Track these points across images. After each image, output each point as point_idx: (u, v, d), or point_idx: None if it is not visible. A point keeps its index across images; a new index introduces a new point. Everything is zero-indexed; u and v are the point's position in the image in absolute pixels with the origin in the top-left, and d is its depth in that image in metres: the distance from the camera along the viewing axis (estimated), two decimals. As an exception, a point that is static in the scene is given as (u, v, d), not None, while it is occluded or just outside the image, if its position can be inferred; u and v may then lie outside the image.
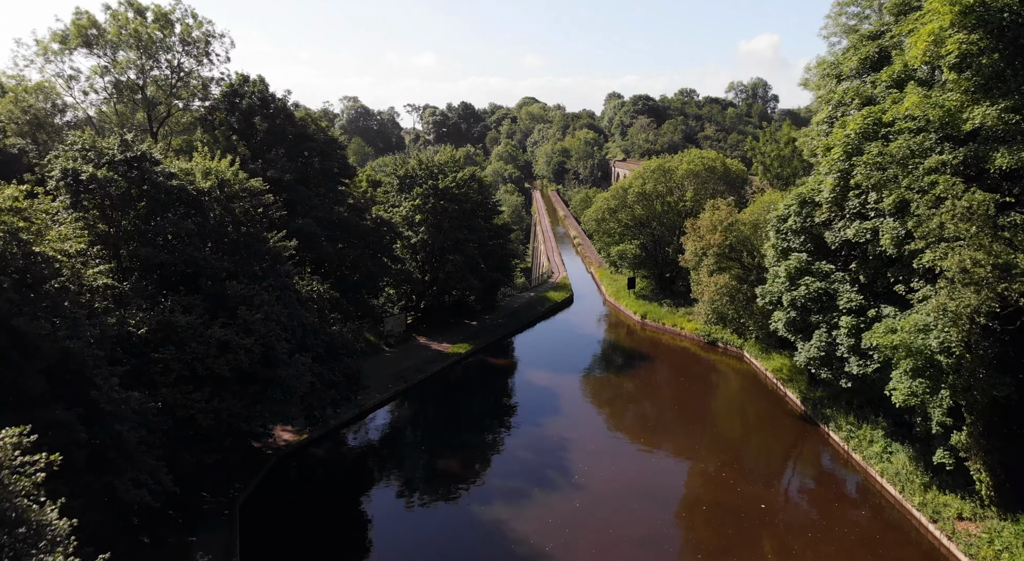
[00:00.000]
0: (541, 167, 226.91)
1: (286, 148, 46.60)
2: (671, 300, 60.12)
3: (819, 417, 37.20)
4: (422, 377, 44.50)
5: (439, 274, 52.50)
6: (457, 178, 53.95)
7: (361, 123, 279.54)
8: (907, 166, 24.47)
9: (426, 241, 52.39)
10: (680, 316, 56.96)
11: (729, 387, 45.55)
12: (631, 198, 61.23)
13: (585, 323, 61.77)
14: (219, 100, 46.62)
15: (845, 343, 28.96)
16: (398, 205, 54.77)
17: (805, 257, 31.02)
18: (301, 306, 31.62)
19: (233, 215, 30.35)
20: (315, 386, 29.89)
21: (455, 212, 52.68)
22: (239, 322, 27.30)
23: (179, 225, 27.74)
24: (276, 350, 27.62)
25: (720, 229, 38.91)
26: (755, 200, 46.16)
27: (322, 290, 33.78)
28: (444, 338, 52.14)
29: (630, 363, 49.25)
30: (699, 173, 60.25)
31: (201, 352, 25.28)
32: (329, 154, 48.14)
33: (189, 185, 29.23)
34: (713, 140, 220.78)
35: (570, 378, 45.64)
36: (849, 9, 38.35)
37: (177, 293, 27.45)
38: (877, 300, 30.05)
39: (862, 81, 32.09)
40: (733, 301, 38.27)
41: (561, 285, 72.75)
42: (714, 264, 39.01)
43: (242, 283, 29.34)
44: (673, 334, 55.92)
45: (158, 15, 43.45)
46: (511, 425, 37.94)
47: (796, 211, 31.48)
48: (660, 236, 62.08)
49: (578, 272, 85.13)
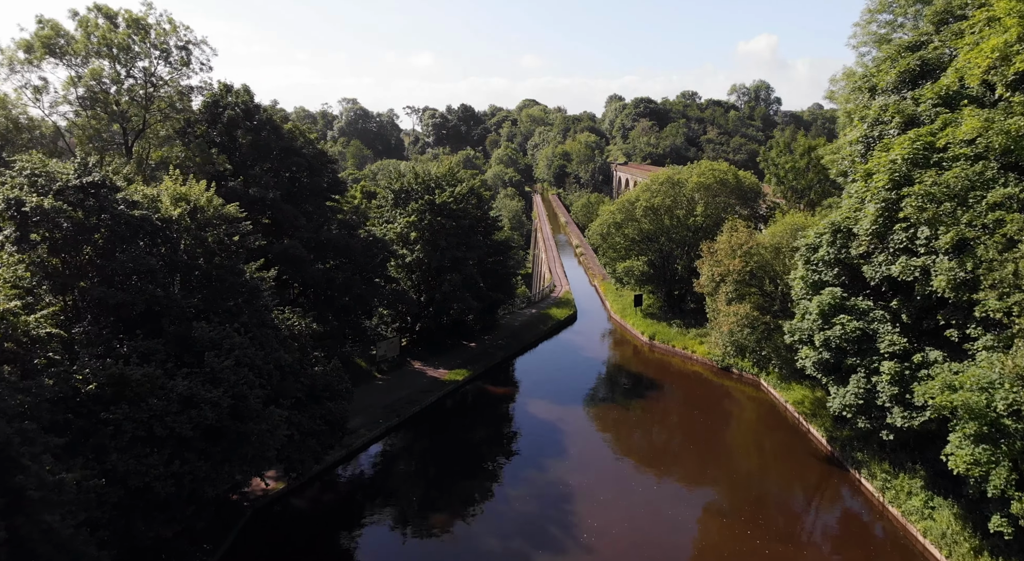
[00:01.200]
0: (542, 170, 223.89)
1: (272, 163, 43.52)
2: (680, 320, 56.97)
3: (849, 461, 34.05)
4: (416, 409, 41.34)
5: (435, 295, 49.39)
6: (455, 193, 50.81)
7: (360, 125, 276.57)
8: (966, 200, 21.37)
9: (421, 260, 49.25)
10: (691, 338, 53.83)
11: (746, 420, 42.40)
12: (638, 212, 58.09)
13: (590, 344, 58.61)
14: (200, 111, 43.57)
15: (887, 391, 25.83)
16: (393, 221, 51.64)
17: (839, 292, 27.90)
18: (280, 345, 28.50)
19: (205, 245, 27.23)
20: (293, 438, 26.76)
21: (452, 229, 49.55)
22: (206, 370, 24.18)
23: (140, 260, 24.62)
24: (248, 400, 24.49)
25: (739, 254, 35.79)
26: (775, 220, 43.01)
27: (304, 325, 30.63)
28: (441, 362, 48.99)
29: (639, 392, 46.09)
30: (710, 186, 57.13)
31: (160, 409, 22.13)
32: (318, 169, 45.07)
33: (155, 213, 26.13)
34: (716, 143, 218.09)
35: (575, 410, 42.48)
36: (880, 17, 35.29)
37: (135, 338, 24.32)
38: (921, 341, 26.95)
39: (901, 97, 28.97)
40: (754, 332, 35.13)
41: (564, 301, 69.60)
42: (733, 292, 35.89)
43: (212, 323, 26.23)
44: (683, 357, 52.78)
45: (129, 21, 40.28)
46: (511, 469, 34.77)
47: (829, 241, 28.37)
48: (669, 252, 58.95)
49: (581, 285, 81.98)
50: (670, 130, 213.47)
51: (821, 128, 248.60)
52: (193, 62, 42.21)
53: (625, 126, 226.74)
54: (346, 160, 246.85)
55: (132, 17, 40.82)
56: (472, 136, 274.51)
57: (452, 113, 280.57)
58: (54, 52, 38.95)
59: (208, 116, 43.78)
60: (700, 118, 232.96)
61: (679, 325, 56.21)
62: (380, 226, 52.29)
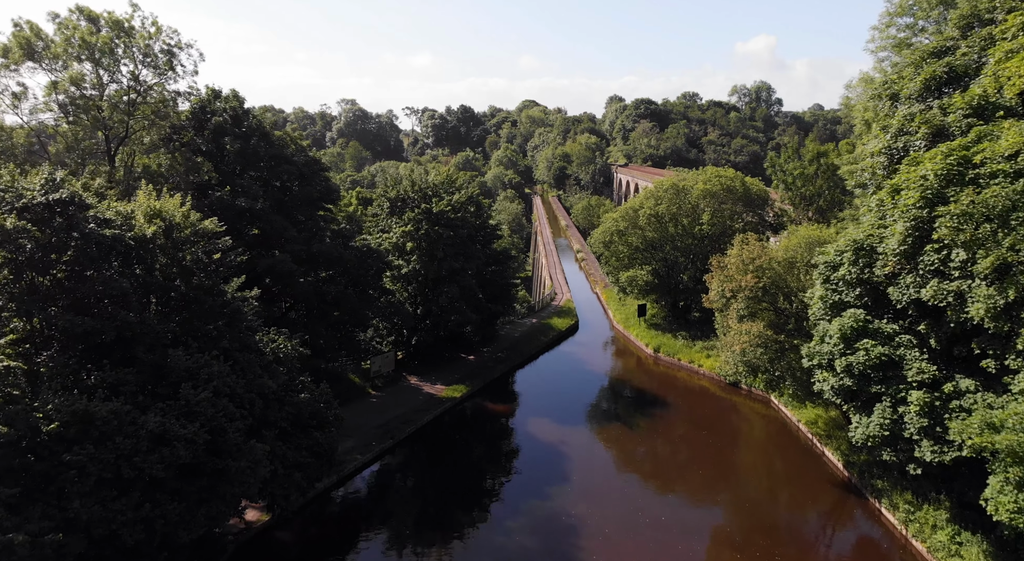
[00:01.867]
0: (542, 172, 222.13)
1: (261, 171, 41.71)
2: (686, 332, 55.14)
3: (868, 489, 32.22)
4: (411, 430, 39.49)
5: (432, 307, 47.56)
6: (453, 201, 48.99)
7: (359, 126, 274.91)
8: (1008, 221, 19.58)
9: (418, 271, 47.42)
10: (697, 351, 52.01)
11: (756, 441, 40.60)
12: (642, 220, 56.28)
13: (592, 356, 56.76)
14: (187, 118, 41.75)
15: (915, 424, 24.02)
16: (389, 229, 49.80)
17: (862, 314, 26.08)
18: (265, 370, 26.67)
19: (182, 265, 25.41)
20: (276, 472, 24.93)
21: (450, 239, 47.70)
22: (181, 403, 22.36)
23: (111, 283, 22.80)
24: (227, 434, 22.68)
25: (751, 269, 33.96)
26: (786, 230, 41.18)
27: (291, 347, 28.79)
28: (438, 377, 47.17)
29: (643, 409, 44.25)
30: (716, 193, 55.32)
31: (128, 448, 20.32)
32: (309, 177, 43.24)
33: (128, 231, 24.30)
34: (717, 144, 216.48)
35: (578, 431, 40.64)
36: (900, 20, 33.45)
37: (104, 368, 22.50)
38: (951, 368, 25.13)
39: (927, 106, 27.15)
40: (767, 351, 33.30)
41: (565, 310, 67.77)
42: (744, 309, 34.07)
43: (190, 349, 24.43)
44: (690, 371, 50.97)
45: (111, 23, 38.45)
46: (512, 498, 32.91)
47: (851, 260, 26.53)
48: (674, 261, 57.14)
49: (583, 292, 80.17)
50: (671, 132, 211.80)
51: (823, 129, 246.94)
52: (179, 67, 40.41)
53: (626, 127, 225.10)
54: (345, 162, 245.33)
55: (114, 19, 39.02)
56: (472, 137, 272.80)
57: (451, 114, 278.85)
58: (33, 56, 37.12)
59: (195, 123, 41.96)
60: (701, 119, 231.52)
61: (685, 337, 54.39)
62: (376, 235, 50.49)
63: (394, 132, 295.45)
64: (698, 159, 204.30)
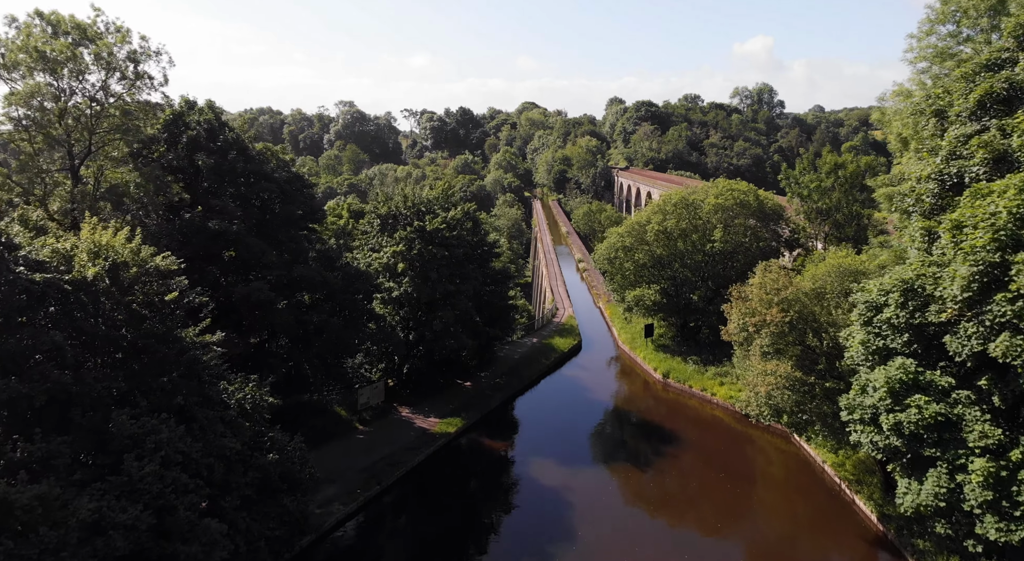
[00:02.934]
0: (541, 175, 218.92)
1: (238, 189, 38.39)
2: (697, 356, 51.79)
3: (907, 549, 28.88)
4: (400, 473, 36.14)
5: (426, 332, 44.19)
6: (448, 218, 45.65)
7: (357, 128, 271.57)
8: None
9: (410, 294, 44.07)
10: (709, 378, 48.68)
11: (776, 480, 37.27)
12: (650, 236, 52.95)
13: (597, 381, 53.38)
14: (158, 131, 38.42)
15: (978, 496, 20.72)
16: (379, 248, 46.47)
17: (912, 365, 22.78)
18: (228, 427, 23.35)
19: (130, 310, 22.09)
20: (238, 550, 21.60)
21: (445, 259, 44.38)
22: (123, 479, 19.04)
23: (42, 337, 19.48)
24: (177, 513, 19.36)
25: (777, 302, 30.63)
26: (816, 257, 37.85)
27: (259, 396, 25.43)
28: (431, 408, 43.84)
29: (653, 446, 40.90)
30: (729, 208, 52.02)
31: (54, 542, 17.00)
32: (292, 195, 39.91)
33: (67, 273, 20.99)
34: (719, 147, 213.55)
35: (584, 473, 37.24)
36: (941, 28, 30.13)
37: (33, 440, 19.17)
38: (1017, 431, 21.83)
39: (982, 126, 23.85)
40: (794, 393, 29.99)
41: (567, 328, 64.42)
42: (770, 346, 30.75)
43: (138, 409, 21.12)
44: (701, 399, 47.63)
45: (74, 28, 35.11)
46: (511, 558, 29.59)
47: (898, 301, 23.23)
48: (683, 279, 53.83)
49: (585, 306, 76.82)
50: (672, 134, 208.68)
51: (825, 132, 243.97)
52: (146, 76, 37.06)
53: (626, 130, 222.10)
54: (342, 164, 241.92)
55: (77, 23, 35.70)
56: (471, 140, 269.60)
57: (450, 116, 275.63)
58: (-15, 64, 33.81)
59: (167, 136, 38.65)
60: (703, 122, 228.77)
61: (696, 361, 51.04)
62: (365, 254, 47.18)
63: (392, 134, 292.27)
64: (700, 162, 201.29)
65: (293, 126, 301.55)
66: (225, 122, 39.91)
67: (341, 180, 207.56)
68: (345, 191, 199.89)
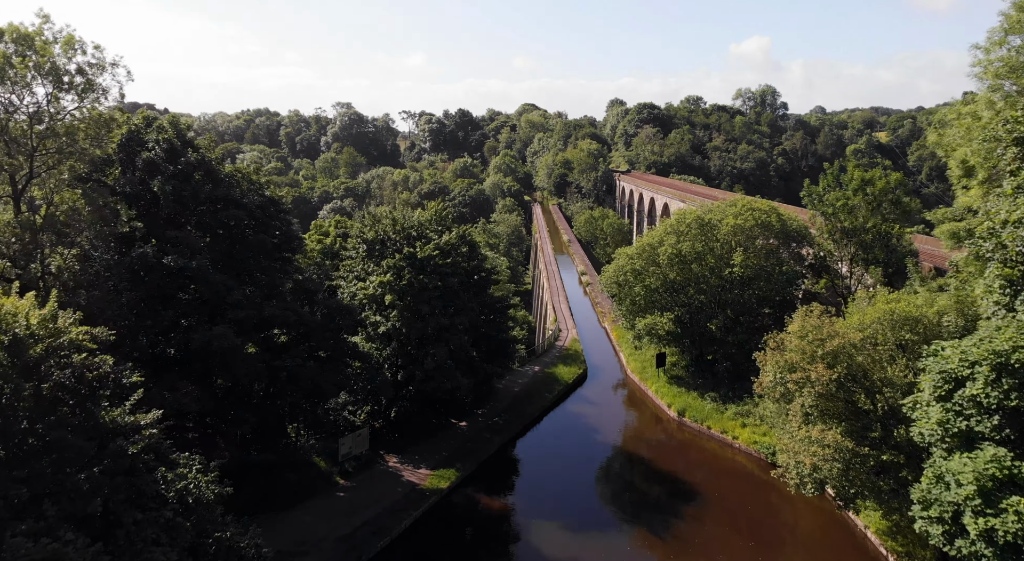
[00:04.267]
0: (542, 179, 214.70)
1: (202, 217, 34.01)
2: (715, 392, 47.29)
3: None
4: (384, 543, 31.65)
5: (416, 371, 39.77)
6: (442, 243, 41.23)
7: (355, 130, 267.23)
8: None
9: (399, 329, 39.66)
10: (730, 418, 44.23)
11: (809, 544, 32.89)
12: (663, 259, 48.54)
13: (604, 419, 48.87)
14: (114, 151, 34.00)
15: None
16: (365, 277, 42.04)
17: (1008, 457, 18.42)
18: (163, 532, 18.92)
19: (38, 396, 17.68)
20: None
21: (438, 290, 39.96)
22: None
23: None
24: None
25: (821, 356, 26.20)
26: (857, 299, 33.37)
27: (205, 486, 20.96)
28: (421, 457, 39.39)
29: (671, 501, 36.43)
30: (749, 229, 47.64)
31: None
32: (264, 222, 35.52)
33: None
34: (722, 150, 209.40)
35: (594, 540, 32.76)
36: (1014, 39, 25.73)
37: None
38: None
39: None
40: (842, 464, 25.55)
41: (572, 354, 59.99)
42: (814, 409, 26.35)
43: (43, 519, 16.70)
44: (721, 443, 43.20)
45: (16, 38, 30.68)
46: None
47: (988, 378, 18.88)
48: (699, 306, 49.43)
49: (590, 325, 72.45)
50: (675, 137, 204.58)
51: (829, 135, 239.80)
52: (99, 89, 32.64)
53: (628, 132, 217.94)
54: (339, 168, 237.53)
55: (20, 33, 31.23)
56: (470, 142, 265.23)
57: (449, 118, 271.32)
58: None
59: (123, 158, 34.27)
60: (706, 124, 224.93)
61: (714, 398, 46.58)
62: (350, 282, 42.78)
63: (391, 136, 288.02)
64: (703, 166, 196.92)
65: (290, 128, 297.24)
66: (190, 140, 35.47)
67: (338, 184, 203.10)
68: (342, 195, 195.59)
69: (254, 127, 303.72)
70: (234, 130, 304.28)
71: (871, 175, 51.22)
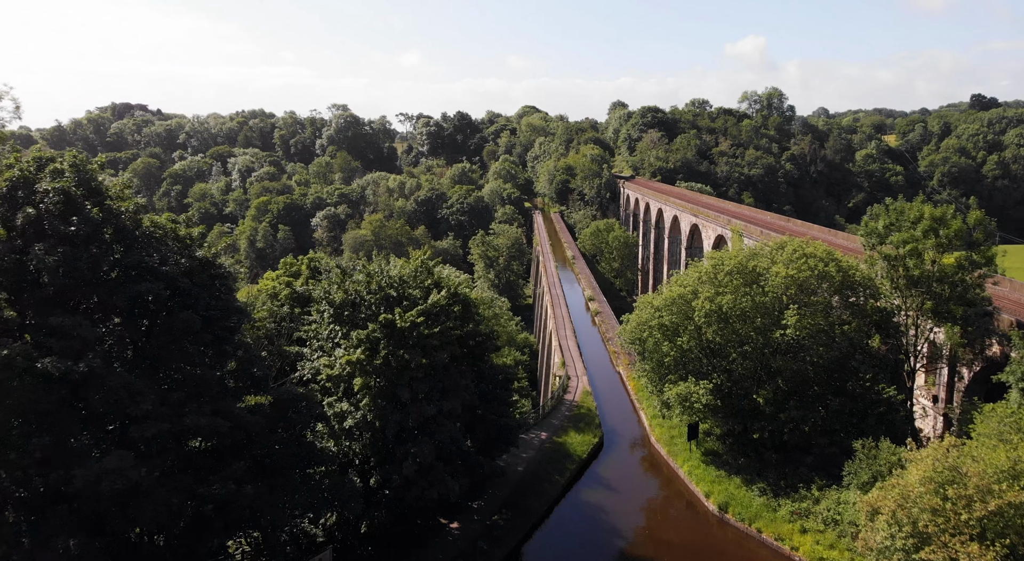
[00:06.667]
0: (543, 185, 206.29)
1: (106, 293, 25.39)
2: (763, 481, 38.58)
3: None
4: None
5: (393, 475, 31.19)
6: (428, 305, 32.66)
7: (350, 132, 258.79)
8: None
9: (370, 422, 31.11)
10: (784, 517, 35.61)
11: None
12: (698, 315, 39.99)
13: (628, 510, 40.11)
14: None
15: None
16: (330, 349, 33.46)
17: None
18: None
19: None
20: None
21: (423, 369, 31.42)
22: None
23: None
24: None
25: (971, 524, 17.78)
26: (984, 414, 24.79)
27: None
28: (402, 582, 30.91)
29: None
30: (804, 281, 39.13)
31: None
32: (192, 293, 26.86)
33: None
34: (729, 156, 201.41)
35: None
36: None
37: None
38: None
39: None
40: None
41: (583, 413, 51.36)
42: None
43: None
44: (775, 551, 34.60)
45: None
46: None
47: None
48: (742, 373, 40.90)
49: (601, 366, 64.03)
50: (680, 142, 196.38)
51: (838, 139, 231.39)
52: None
53: (631, 137, 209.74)
54: (334, 172, 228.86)
55: None
56: (469, 146, 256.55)
57: (447, 121, 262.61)
58: None
59: (6, 208, 25.65)
60: (711, 128, 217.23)
61: (763, 490, 37.88)
62: (314, 354, 34.27)
63: (387, 139, 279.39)
64: (709, 171, 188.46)
65: (284, 130, 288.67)
66: (97, 187, 26.68)
67: (332, 190, 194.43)
68: (335, 202, 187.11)
69: (247, 129, 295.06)
70: (227, 132, 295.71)
71: (941, 212, 42.63)
